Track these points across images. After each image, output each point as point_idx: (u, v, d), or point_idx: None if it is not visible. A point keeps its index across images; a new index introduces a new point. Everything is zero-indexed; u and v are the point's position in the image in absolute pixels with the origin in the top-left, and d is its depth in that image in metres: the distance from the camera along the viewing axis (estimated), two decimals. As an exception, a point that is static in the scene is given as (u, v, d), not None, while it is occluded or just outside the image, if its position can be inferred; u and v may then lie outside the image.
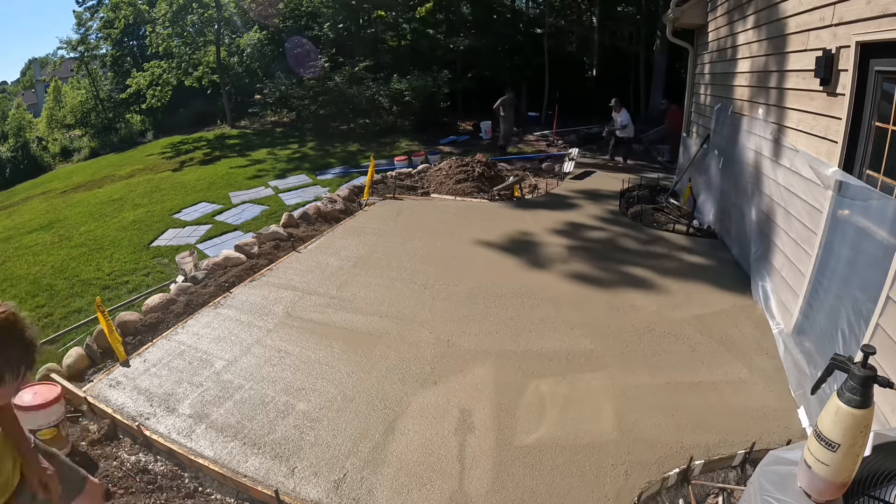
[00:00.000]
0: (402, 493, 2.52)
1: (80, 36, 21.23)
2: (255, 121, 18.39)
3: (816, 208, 3.26)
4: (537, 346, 3.73)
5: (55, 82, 24.73)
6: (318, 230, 6.51)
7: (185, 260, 5.12)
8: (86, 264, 6.38)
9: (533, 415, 3.02)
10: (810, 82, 3.47)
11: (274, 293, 4.71)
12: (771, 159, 4.24)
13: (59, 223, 8.83)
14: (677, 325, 3.94)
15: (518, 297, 4.47)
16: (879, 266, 2.43)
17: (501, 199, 7.78)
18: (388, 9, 16.74)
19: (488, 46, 16.65)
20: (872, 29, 2.69)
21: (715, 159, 6.08)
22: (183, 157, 13.87)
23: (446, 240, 5.96)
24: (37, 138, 22.19)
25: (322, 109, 15.07)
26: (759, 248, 4.39)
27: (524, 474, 2.60)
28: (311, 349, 3.78)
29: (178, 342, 3.95)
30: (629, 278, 4.82)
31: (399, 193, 8.14)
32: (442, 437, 2.86)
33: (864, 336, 2.49)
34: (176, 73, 19.12)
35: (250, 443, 2.87)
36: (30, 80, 41.70)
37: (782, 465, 1.57)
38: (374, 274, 5.06)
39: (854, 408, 1.33)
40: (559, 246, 5.73)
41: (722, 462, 2.65)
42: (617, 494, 2.46)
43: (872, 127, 2.85)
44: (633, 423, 2.91)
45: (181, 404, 3.21)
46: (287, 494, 2.52)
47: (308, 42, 17.54)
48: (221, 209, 8.52)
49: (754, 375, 3.31)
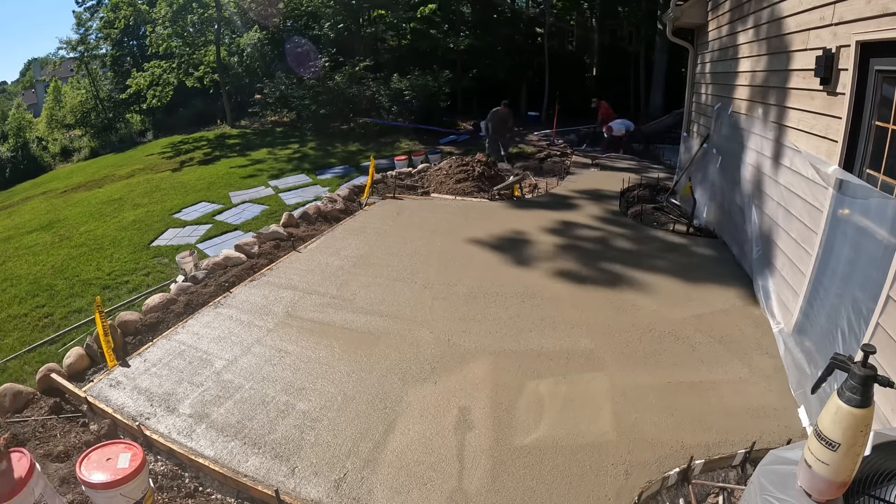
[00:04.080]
0: (403, 492, 2.52)
1: (80, 36, 21.25)
2: (255, 121, 18.39)
3: (817, 207, 3.26)
4: (537, 345, 3.73)
5: (55, 82, 24.74)
6: (318, 230, 6.51)
7: (186, 260, 5.12)
8: (86, 264, 6.38)
9: (533, 414, 3.01)
10: (810, 82, 3.47)
11: (274, 293, 4.71)
12: (771, 159, 4.23)
13: (60, 223, 8.83)
14: (678, 325, 3.94)
15: (518, 297, 4.47)
16: (880, 265, 2.42)
17: (501, 199, 7.78)
18: (388, 9, 16.74)
19: (488, 46, 16.66)
20: (872, 28, 2.69)
21: (715, 159, 6.08)
22: (183, 157, 13.87)
23: (446, 239, 5.96)
24: (37, 138, 22.18)
25: (322, 109, 15.07)
26: (760, 248, 4.39)
27: (524, 474, 2.60)
28: (312, 349, 3.78)
29: (179, 342, 3.95)
30: (629, 278, 4.82)
31: (399, 193, 8.14)
32: (442, 437, 2.86)
33: (865, 335, 2.49)
34: (176, 74, 19.12)
35: (250, 442, 2.87)
36: (30, 80, 41.71)
37: (782, 464, 1.57)
38: (375, 273, 5.06)
39: (854, 407, 1.33)
40: (559, 246, 5.73)
41: (722, 461, 2.65)
42: (617, 494, 2.46)
43: (872, 126, 2.85)
44: (633, 423, 2.91)
45: (181, 404, 3.21)
46: (287, 494, 2.53)
47: (308, 42, 17.55)
48: (221, 209, 8.52)
49: (755, 375, 3.30)
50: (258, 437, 2.91)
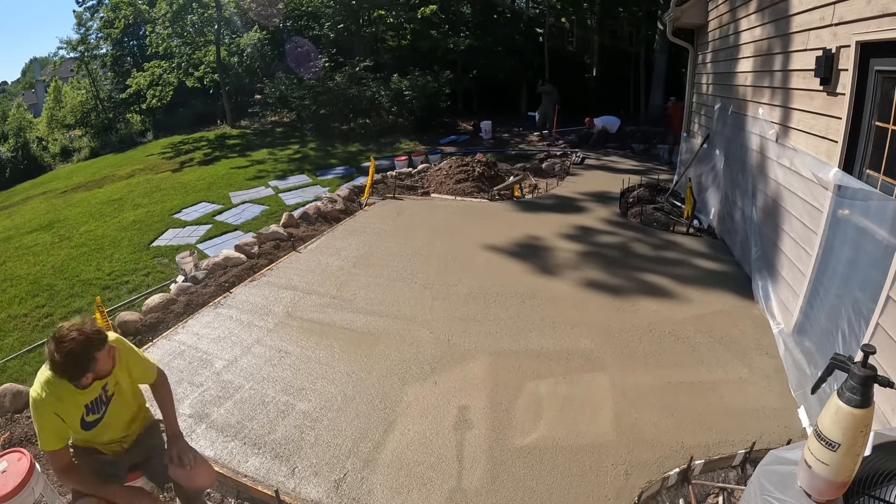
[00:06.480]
0: (403, 492, 2.52)
1: (80, 36, 21.25)
2: (255, 121, 18.38)
3: (816, 208, 3.26)
4: (537, 345, 3.73)
5: (55, 82, 24.73)
6: (318, 230, 6.51)
7: (186, 260, 5.13)
8: (86, 264, 6.38)
9: (533, 414, 3.01)
10: (810, 82, 3.47)
11: (274, 293, 4.71)
12: (771, 159, 4.24)
13: (60, 223, 8.83)
14: (678, 325, 3.94)
15: (518, 297, 4.47)
16: (879, 265, 2.42)
17: (501, 199, 7.78)
18: (388, 9, 16.74)
19: (488, 46, 16.65)
20: (872, 28, 2.69)
21: (715, 159, 6.08)
22: (183, 158, 13.87)
23: (446, 240, 5.96)
24: (37, 138, 22.18)
25: (322, 109, 15.07)
26: (760, 248, 4.39)
27: (524, 474, 2.59)
28: (312, 349, 3.78)
29: (179, 342, 3.95)
30: (629, 278, 4.81)
31: (399, 193, 8.14)
32: (442, 437, 2.86)
33: (865, 335, 2.49)
34: (176, 74, 19.12)
35: (250, 443, 2.87)
36: (30, 80, 41.73)
37: (782, 464, 1.57)
38: (375, 274, 5.06)
39: (854, 407, 1.33)
40: (559, 246, 5.73)
41: (722, 462, 2.65)
42: (617, 494, 2.46)
43: (872, 126, 2.84)
44: (633, 423, 2.91)
45: (181, 404, 3.21)
46: (287, 494, 2.53)
47: (308, 42, 17.56)
48: (222, 209, 8.52)
49: (755, 375, 3.30)
50: (258, 438, 2.91)
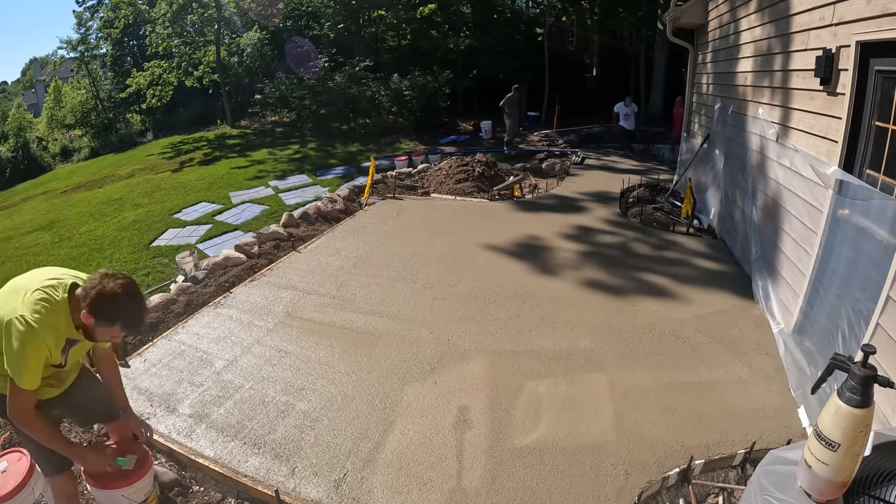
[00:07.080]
0: (403, 492, 2.52)
1: (80, 36, 21.29)
2: (255, 121, 18.39)
3: (817, 208, 3.26)
4: (537, 345, 3.73)
5: (55, 82, 24.75)
6: (318, 230, 6.51)
7: (186, 260, 5.12)
8: (86, 264, 6.38)
9: (533, 414, 3.01)
10: (811, 82, 3.47)
11: (274, 293, 4.71)
12: (771, 159, 4.24)
13: (60, 223, 8.84)
14: (678, 325, 3.94)
15: (518, 297, 4.47)
16: (879, 265, 2.42)
17: (501, 199, 7.78)
18: (388, 9, 16.74)
19: (488, 46, 16.66)
20: (872, 28, 2.69)
21: (715, 159, 6.08)
22: (183, 157, 13.88)
23: (446, 239, 5.96)
24: (37, 138, 22.22)
25: (322, 109, 15.08)
26: (760, 248, 4.39)
27: (524, 474, 2.59)
28: (312, 349, 3.78)
29: (179, 342, 3.95)
30: (629, 278, 4.81)
31: (399, 193, 8.14)
32: (442, 437, 2.86)
33: (865, 335, 2.49)
34: (176, 73, 19.13)
35: (250, 442, 2.87)
36: (30, 80, 41.76)
37: (782, 464, 1.57)
38: (375, 274, 5.06)
39: (854, 407, 1.33)
40: (559, 246, 5.73)
41: (722, 462, 2.65)
42: (617, 494, 2.46)
43: (872, 126, 2.85)
44: (633, 423, 2.91)
45: (181, 404, 3.21)
46: (287, 494, 2.52)
47: (308, 42, 17.55)
48: (222, 209, 8.52)
49: (755, 375, 3.30)
50: (258, 438, 2.91)
